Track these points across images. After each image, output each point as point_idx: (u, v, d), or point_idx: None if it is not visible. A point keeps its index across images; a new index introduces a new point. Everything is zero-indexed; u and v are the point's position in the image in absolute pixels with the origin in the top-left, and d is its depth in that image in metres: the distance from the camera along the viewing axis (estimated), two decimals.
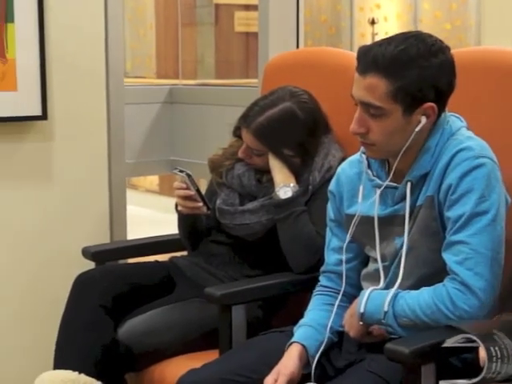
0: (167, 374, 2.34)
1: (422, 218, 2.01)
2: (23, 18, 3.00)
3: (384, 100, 1.94)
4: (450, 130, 2.03)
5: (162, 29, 9.19)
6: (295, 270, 2.43)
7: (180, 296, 2.57)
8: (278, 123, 2.51)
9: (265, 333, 2.32)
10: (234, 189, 2.62)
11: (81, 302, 2.50)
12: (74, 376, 2.34)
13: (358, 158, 2.18)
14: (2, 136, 3.06)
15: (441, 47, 1.98)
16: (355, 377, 2.00)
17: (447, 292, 1.93)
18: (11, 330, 3.09)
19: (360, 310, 2.02)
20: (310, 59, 2.71)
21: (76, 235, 3.08)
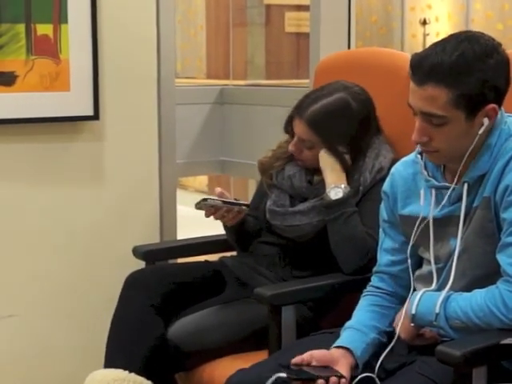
0: (216, 373, 2.34)
1: (477, 219, 2.00)
2: (77, 20, 3.02)
3: (446, 109, 1.92)
4: (508, 131, 2.01)
5: (212, 30, 9.23)
6: (345, 271, 2.42)
7: (230, 296, 2.58)
8: (331, 113, 2.51)
9: (314, 334, 2.31)
10: (285, 190, 2.61)
11: (131, 302, 2.51)
12: (124, 375, 2.36)
13: (412, 159, 2.16)
14: (55, 136, 3.08)
15: (494, 46, 1.96)
16: (405, 379, 1.99)
17: (500, 294, 1.91)
18: (64, 329, 3.12)
19: (411, 312, 2.02)
20: (362, 60, 2.69)
21: (127, 235, 3.10)
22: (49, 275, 3.12)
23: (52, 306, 3.13)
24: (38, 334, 3.11)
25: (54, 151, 3.10)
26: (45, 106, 3.02)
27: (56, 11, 2.99)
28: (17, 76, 2.96)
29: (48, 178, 3.11)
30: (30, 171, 3.07)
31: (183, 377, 2.52)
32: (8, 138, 3.01)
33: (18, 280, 3.08)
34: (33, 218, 3.09)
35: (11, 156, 3.03)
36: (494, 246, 1.97)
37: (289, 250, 2.58)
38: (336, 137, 2.50)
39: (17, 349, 3.08)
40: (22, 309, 3.09)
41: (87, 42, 3.05)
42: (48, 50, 3.00)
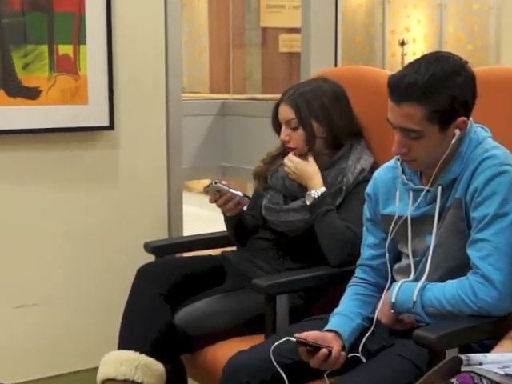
0: (218, 354, 2.34)
1: (450, 218, 2.02)
2: (94, 41, 3.04)
3: (422, 124, 1.94)
4: (476, 139, 2.03)
5: (214, 50, 9.23)
6: (332, 263, 2.42)
7: (230, 286, 2.58)
8: (305, 93, 2.53)
9: (306, 320, 2.33)
10: (278, 190, 2.61)
11: (142, 291, 2.51)
12: (135, 356, 2.35)
13: (392, 165, 2.18)
14: (75, 144, 3.09)
15: (461, 64, 1.99)
16: (386, 359, 2.00)
17: (470, 284, 1.94)
18: (81, 316, 3.14)
19: (392, 300, 2.04)
20: (347, 76, 2.70)
21: (138, 232, 3.10)
22: (68, 268, 3.14)
23: (71, 295, 3.14)
24: (59, 320, 3.12)
25: (74, 158, 3.11)
26: (65, 118, 3.03)
27: (75, 33, 3.00)
28: (41, 91, 2.97)
29: (69, 181, 3.11)
30: (53, 175, 3.08)
31: (188, 358, 2.52)
32: (33, 146, 3.02)
33: (41, 272, 3.09)
34: (55, 217, 3.10)
35: (37, 162, 3.04)
36: (464, 242, 1.99)
37: (282, 244, 2.58)
38: (311, 111, 2.50)
39: (40, 333, 3.09)
40: (45, 298, 3.09)
41: (103, 60, 3.06)
42: (68, 68, 3.01)
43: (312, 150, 2.51)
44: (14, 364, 3.01)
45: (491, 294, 1.91)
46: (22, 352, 3.05)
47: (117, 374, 2.34)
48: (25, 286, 3.06)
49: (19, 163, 3.01)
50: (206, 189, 2.56)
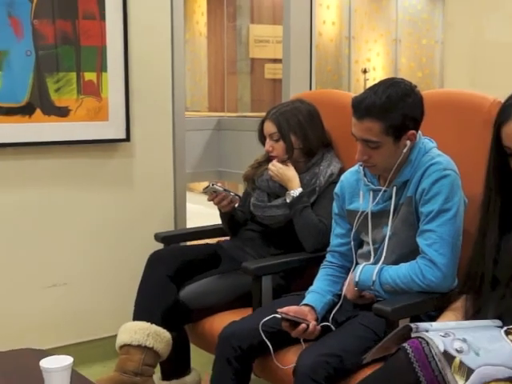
0: (215, 324, 2.35)
1: (403, 213, 2.03)
2: (113, 69, 3.02)
3: (379, 136, 1.96)
4: (424, 149, 2.05)
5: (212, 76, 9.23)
6: (307, 249, 2.42)
7: (224, 269, 2.57)
8: (285, 112, 2.52)
9: (286, 295, 2.35)
10: (264, 190, 2.61)
11: (152, 273, 2.51)
12: (147, 325, 2.36)
13: (356, 169, 2.20)
14: (97, 153, 3.08)
15: (411, 88, 2.00)
16: (351, 328, 2.02)
17: (419, 267, 1.96)
18: (103, 293, 3.14)
19: (355, 279, 2.05)
20: (320, 98, 2.70)
21: (150, 225, 3.10)
22: (93, 254, 3.13)
23: (94, 276, 3.13)
24: (85, 296, 3.11)
25: (97, 165, 3.10)
26: (90, 132, 3.01)
27: (98, 63, 2.99)
28: (70, 110, 2.95)
29: (93, 184, 3.10)
30: (80, 179, 3.06)
31: (190, 327, 2.52)
32: (64, 155, 3.01)
33: (71, 258, 3.08)
34: (82, 212, 3.09)
35: (67, 168, 3.03)
36: (414, 232, 2.01)
37: (267, 234, 2.58)
38: (290, 127, 2.50)
39: (69, 307, 3.08)
40: (73, 278, 3.08)
41: (121, 85, 3.05)
42: (92, 91, 2.99)
43: (291, 158, 2.51)
44: (47, 333, 3.00)
45: (436, 275, 1.93)
46: (54, 323, 3.04)
47: (132, 340, 2.34)
48: (57, 269, 3.05)
49: (52, 169, 3.00)
50: (204, 190, 2.57)
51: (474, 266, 1.76)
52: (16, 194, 2.95)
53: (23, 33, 2.83)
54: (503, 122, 1.64)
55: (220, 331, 2.16)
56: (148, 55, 3.16)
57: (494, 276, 1.70)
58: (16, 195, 2.95)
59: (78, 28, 2.94)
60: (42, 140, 2.93)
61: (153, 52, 3.19)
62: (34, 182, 2.98)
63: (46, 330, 3.02)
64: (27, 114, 2.88)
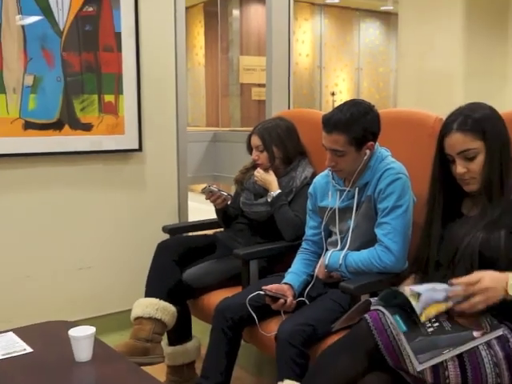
0: (211, 300, 2.34)
1: (364, 208, 2.03)
2: (128, 92, 3.02)
3: (344, 146, 1.96)
4: (381, 157, 2.05)
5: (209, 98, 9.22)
6: (286, 239, 2.42)
7: (219, 254, 2.56)
8: (268, 128, 2.51)
9: (269, 276, 2.34)
10: (251, 191, 2.60)
11: (160, 258, 2.50)
12: (156, 301, 2.35)
13: (326, 173, 2.20)
14: (115, 161, 3.07)
15: (370, 107, 2.01)
16: (322, 302, 2.02)
17: (376, 252, 1.96)
18: (120, 275, 3.13)
19: (325, 263, 2.06)
20: (296, 116, 2.70)
21: (159, 219, 3.08)
22: (112, 243, 3.12)
23: (114, 260, 3.12)
24: (106, 277, 3.11)
25: (114, 170, 3.09)
26: (109, 143, 3.00)
27: (116, 87, 2.98)
28: (93, 125, 2.94)
29: (111, 186, 3.09)
30: (101, 182, 3.05)
31: (192, 302, 2.51)
32: (87, 162, 2.99)
33: (94, 246, 3.07)
34: (103, 210, 3.08)
35: (90, 173, 3.02)
36: (373, 224, 2.01)
37: (253, 227, 2.57)
38: (272, 140, 2.49)
39: (94, 286, 3.08)
40: (96, 263, 3.07)
41: (134, 105, 3.04)
42: (111, 110, 2.98)
43: (272, 166, 2.51)
44: (74, 307, 2.99)
45: (390, 259, 1.93)
46: (80, 299, 3.03)
47: (144, 313, 2.33)
48: (83, 256, 3.04)
49: (79, 174, 2.99)
50: (203, 190, 2.56)
51: (421, 251, 1.76)
52: (50, 194, 2.94)
53: (54, 62, 2.82)
54: (445, 134, 1.66)
55: (216, 305, 2.16)
56: (156, 81, 3.15)
57: (438, 259, 1.71)
58: (50, 195, 2.94)
59: (99, 59, 2.93)
60: (70, 150, 2.92)
61: (160, 78, 3.17)
62: (64, 184, 2.97)
63: (74, 306, 3.00)
64: (57, 129, 2.87)
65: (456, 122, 1.63)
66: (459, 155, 1.63)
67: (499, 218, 1.58)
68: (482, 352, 1.47)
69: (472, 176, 1.64)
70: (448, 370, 1.45)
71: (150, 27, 3.09)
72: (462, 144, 1.62)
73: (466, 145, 1.61)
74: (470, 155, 1.62)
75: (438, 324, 1.44)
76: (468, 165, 1.63)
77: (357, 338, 1.54)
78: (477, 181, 1.64)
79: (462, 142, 1.62)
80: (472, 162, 1.62)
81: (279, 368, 1.85)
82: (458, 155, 1.63)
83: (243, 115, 8.62)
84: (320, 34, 9.65)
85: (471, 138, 1.61)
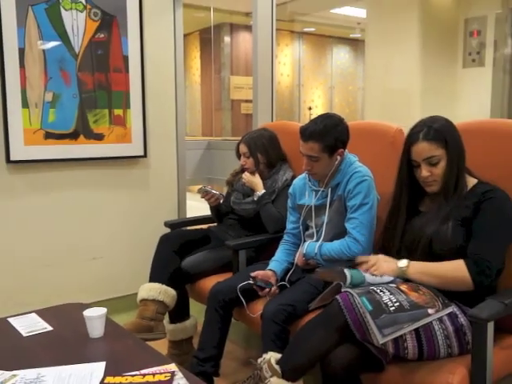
0: (206, 284, 2.33)
1: (335, 206, 2.03)
2: (135, 106, 3.01)
3: (319, 153, 1.96)
4: (349, 162, 2.04)
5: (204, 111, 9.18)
6: (269, 232, 2.41)
7: (213, 245, 2.55)
8: (254, 137, 2.50)
9: (255, 263, 2.33)
10: (239, 191, 2.60)
11: (162, 249, 2.48)
12: (158, 285, 2.34)
13: (303, 176, 2.19)
14: (124, 166, 3.06)
15: (340, 120, 2.01)
16: (300, 286, 2.01)
17: (346, 243, 1.96)
18: (129, 263, 3.11)
19: (303, 252, 2.05)
20: (279, 127, 2.70)
21: (161, 215, 3.07)
22: (121, 236, 3.10)
23: (123, 252, 3.10)
24: (115, 266, 3.09)
25: (124, 174, 3.07)
26: (118, 151, 2.98)
27: (124, 102, 2.97)
28: (104, 135, 2.93)
29: (120, 187, 3.07)
30: (111, 184, 3.04)
31: (189, 286, 2.50)
32: (99, 167, 2.98)
33: (105, 238, 3.05)
34: (113, 207, 3.06)
35: (102, 176, 3.00)
36: (343, 219, 2.00)
37: (242, 222, 2.56)
38: (257, 147, 2.48)
39: (105, 274, 3.06)
40: (107, 253, 3.06)
41: (140, 118, 3.03)
42: (120, 122, 2.97)
43: (258, 169, 2.51)
44: (89, 291, 2.98)
45: (358, 248, 1.93)
46: (93, 284, 3.02)
47: (148, 296, 2.32)
48: (97, 247, 3.02)
49: (92, 177, 2.97)
50: (198, 190, 2.55)
51: (386, 241, 1.77)
52: (67, 195, 2.92)
53: (71, 81, 2.80)
54: (412, 143, 1.66)
55: (210, 289, 2.15)
56: (159, 97, 3.13)
57: (400, 249, 1.71)
58: (68, 196, 2.92)
59: (110, 78, 2.91)
60: (85, 157, 2.90)
61: (162, 95, 3.16)
62: (80, 186, 2.95)
63: (88, 290, 2.99)
64: (74, 139, 2.85)
65: (421, 133, 1.64)
66: (424, 161, 1.64)
67: (450, 213, 1.60)
68: (435, 326, 1.48)
69: (434, 179, 1.65)
70: (407, 342, 1.47)
71: (153, 51, 3.08)
72: (427, 151, 1.63)
73: (430, 152, 1.62)
74: (433, 161, 1.63)
75: (398, 304, 1.45)
76: (432, 169, 1.64)
77: (329, 315, 1.54)
78: (437, 183, 1.65)
79: (428, 150, 1.62)
80: (435, 167, 1.63)
81: (264, 342, 1.84)
82: (423, 161, 1.64)
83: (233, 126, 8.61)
84: (299, 57, 9.66)
85: (435, 147, 1.62)
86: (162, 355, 1.59)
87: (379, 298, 1.46)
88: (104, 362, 1.47)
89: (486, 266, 1.50)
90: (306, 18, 8.92)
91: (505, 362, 1.55)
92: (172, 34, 3.17)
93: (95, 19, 2.85)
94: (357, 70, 10.15)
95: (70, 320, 1.81)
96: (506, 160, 1.71)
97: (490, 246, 1.52)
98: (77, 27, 2.79)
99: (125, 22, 2.93)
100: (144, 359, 1.50)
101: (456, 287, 1.53)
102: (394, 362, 1.52)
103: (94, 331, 1.66)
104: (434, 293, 1.53)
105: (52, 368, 1.45)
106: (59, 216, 2.90)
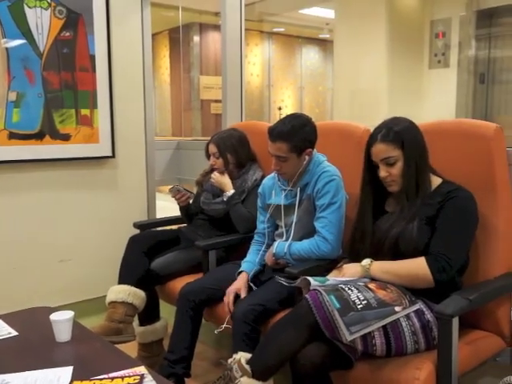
0: (176, 285, 2.31)
1: (304, 205, 2.04)
2: (102, 106, 2.97)
3: (287, 153, 1.96)
4: (318, 161, 2.05)
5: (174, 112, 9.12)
6: (240, 232, 2.42)
7: (183, 246, 2.54)
8: (223, 137, 2.50)
9: (226, 263, 2.33)
10: (209, 191, 2.59)
11: (131, 250, 2.46)
12: (127, 287, 2.31)
13: (272, 176, 2.20)
14: (91, 166, 3.01)
15: (308, 120, 2.02)
16: (271, 284, 2.01)
17: (316, 242, 1.97)
18: (98, 265, 3.06)
19: (273, 252, 2.05)
20: (248, 127, 2.70)
21: (130, 216, 3.03)
22: (89, 237, 3.06)
23: (91, 253, 3.06)
24: (84, 268, 3.05)
25: (91, 174, 3.03)
26: (86, 151, 2.94)
27: (91, 102, 2.92)
28: (71, 135, 2.88)
29: (88, 188, 3.03)
30: (79, 185, 2.99)
31: (159, 287, 2.48)
32: (66, 168, 2.93)
33: (74, 240, 3.00)
34: (81, 209, 3.01)
35: (69, 177, 2.95)
36: (312, 218, 2.02)
37: (212, 222, 2.55)
38: (226, 148, 2.47)
39: (73, 276, 3.01)
40: (75, 255, 3.01)
41: (108, 118, 2.99)
42: (87, 122, 2.92)
43: (227, 169, 2.50)
44: (56, 294, 2.92)
45: (327, 247, 1.94)
46: (61, 287, 2.97)
47: (117, 298, 2.29)
48: (64, 249, 2.97)
49: (59, 178, 2.92)
50: (170, 189, 2.55)
51: (356, 243, 1.77)
52: (34, 196, 2.86)
53: (35, 80, 2.75)
54: (371, 144, 1.69)
55: (180, 290, 2.14)
56: (127, 97, 3.10)
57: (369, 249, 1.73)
58: (34, 198, 2.86)
59: (76, 77, 2.87)
60: (51, 157, 2.85)
61: (130, 95, 3.13)
62: (46, 187, 2.89)
63: (56, 293, 2.93)
64: (39, 139, 2.80)
65: (380, 134, 1.66)
66: (382, 161, 1.67)
67: (414, 213, 1.63)
68: (403, 323, 1.51)
69: (393, 179, 1.67)
70: (375, 338, 1.49)
71: (121, 50, 3.04)
72: (383, 152, 1.65)
73: (387, 153, 1.65)
74: (390, 161, 1.65)
75: (366, 302, 1.47)
76: (389, 169, 1.66)
77: (299, 314, 1.55)
78: (397, 183, 1.68)
79: (384, 151, 1.65)
80: (393, 168, 1.66)
81: (234, 342, 1.84)
82: (381, 161, 1.67)
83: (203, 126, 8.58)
84: (268, 58, 9.69)
85: (392, 148, 1.64)
86: (132, 358, 1.57)
87: (347, 295, 1.48)
88: (71, 367, 1.44)
89: (447, 262, 1.53)
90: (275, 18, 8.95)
91: (469, 357, 1.59)
92: (140, 32, 3.14)
93: (60, 17, 2.80)
94: (326, 71, 10.24)
95: (36, 324, 1.77)
96: (469, 159, 1.74)
97: (451, 243, 1.55)
98: (41, 25, 2.74)
99: (91, 21, 2.88)
100: (112, 362, 1.49)
101: (418, 285, 1.56)
102: (362, 359, 1.54)
103: (60, 335, 1.63)
104: (402, 290, 1.56)
105: (17, 374, 1.42)
106: (25, 218, 2.84)
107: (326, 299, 1.47)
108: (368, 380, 1.52)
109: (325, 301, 1.48)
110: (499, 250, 1.69)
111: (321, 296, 1.50)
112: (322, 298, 1.49)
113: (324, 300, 1.48)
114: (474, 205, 1.61)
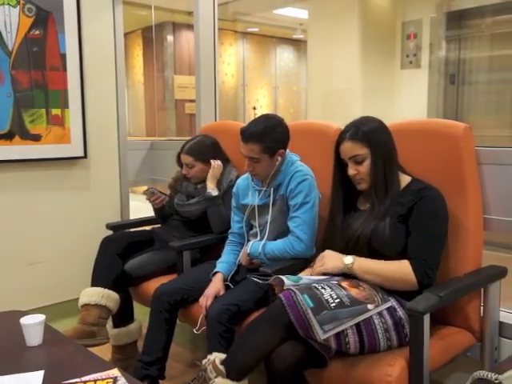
0: (150, 286, 2.30)
1: (278, 205, 2.04)
2: (73, 106, 2.93)
3: (259, 154, 1.97)
4: (291, 161, 2.06)
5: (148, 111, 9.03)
6: (215, 232, 2.41)
7: (157, 247, 2.53)
8: (195, 145, 2.48)
9: (201, 264, 2.33)
10: (183, 192, 2.58)
11: (104, 252, 2.44)
12: (101, 290, 2.30)
13: (246, 176, 2.20)
14: (63, 167, 2.97)
15: (280, 120, 2.02)
16: (246, 284, 2.02)
17: (290, 241, 1.98)
18: (70, 267, 3.02)
19: (248, 251, 2.06)
20: (222, 127, 2.70)
21: (103, 217, 3.01)
22: (61, 239, 3.01)
23: (63, 255, 3.01)
24: (55, 270, 3.00)
25: (63, 175, 2.98)
26: (57, 152, 2.89)
27: (62, 102, 2.88)
28: (41, 136, 2.83)
29: (60, 189, 2.98)
30: (50, 186, 2.94)
31: (133, 289, 2.46)
32: (37, 169, 2.88)
33: (44, 242, 2.95)
34: (52, 210, 2.97)
35: (40, 178, 2.90)
36: (286, 218, 2.03)
37: (186, 223, 2.54)
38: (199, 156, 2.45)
39: (44, 279, 2.96)
40: (46, 258, 2.96)
41: (79, 118, 2.95)
42: (58, 122, 2.88)
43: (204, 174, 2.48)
44: (27, 298, 2.87)
45: (301, 246, 1.96)
46: (32, 290, 2.91)
47: (90, 300, 2.27)
48: (35, 252, 2.92)
49: (29, 179, 2.87)
50: (145, 192, 2.54)
51: (327, 239, 1.79)
52: (2, 198, 2.80)
53: (4, 80, 2.69)
54: (340, 142, 1.71)
55: (154, 291, 2.13)
56: (99, 96, 3.06)
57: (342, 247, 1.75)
58: (2, 198, 2.80)
59: (47, 77, 2.82)
60: (21, 158, 2.79)
61: (102, 94, 3.09)
62: (16, 188, 2.84)
63: (27, 296, 2.88)
64: (9, 139, 2.74)
65: (348, 133, 1.68)
66: (350, 159, 1.69)
67: (385, 211, 1.65)
68: (375, 321, 1.53)
69: (361, 177, 1.69)
70: (348, 336, 1.50)
71: (93, 49, 3.01)
72: (351, 150, 1.67)
73: (354, 151, 1.67)
74: (358, 159, 1.67)
75: (339, 300, 1.48)
76: (358, 167, 1.68)
77: (273, 314, 1.56)
78: (365, 181, 1.70)
79: (352, 149, 1.67)
80: (361, 166, 1.68)
81: (209, 343, 1.84)
82: (349, 159, 1.69)
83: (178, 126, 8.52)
84: (243, 57, 9.68)
85: (359, 146, 1.66)
86: (104, 361, 1.55)
87: (320, 294, 1.49)
88: (42, 371, 1.42)
89: (430, 268, 1.56)
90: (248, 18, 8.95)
91: (441, 352, 1.61)
92: (112, 31, 3.10)
93: (29, 15, 2.75)
94: (300, 71, 10.28)
95: (6, 328, 1.74)
96: (438, 158, 1.77)
97: (430, 247, 1.58)
98: (10, 23, 2.68)
99: (62, 19, 2.84)
100: (85, 366, 1.47)
101: (401, 287, 1.58)
102: (336, 357, 1.55)
103: (31, 339, 1.60)
104: (374, 288, 1.58)
105: None
106: None
107: (300, 298, 1.48)
108: (342, 378, 1.53)
109: (298, 300, 1.49)
110: (469, 247, 1.72)
111: (294, 295, 1.51)
112: (296, 298, 1.50)
113: (298, 299, 1.49)
114: (443, 203, 1.64)
